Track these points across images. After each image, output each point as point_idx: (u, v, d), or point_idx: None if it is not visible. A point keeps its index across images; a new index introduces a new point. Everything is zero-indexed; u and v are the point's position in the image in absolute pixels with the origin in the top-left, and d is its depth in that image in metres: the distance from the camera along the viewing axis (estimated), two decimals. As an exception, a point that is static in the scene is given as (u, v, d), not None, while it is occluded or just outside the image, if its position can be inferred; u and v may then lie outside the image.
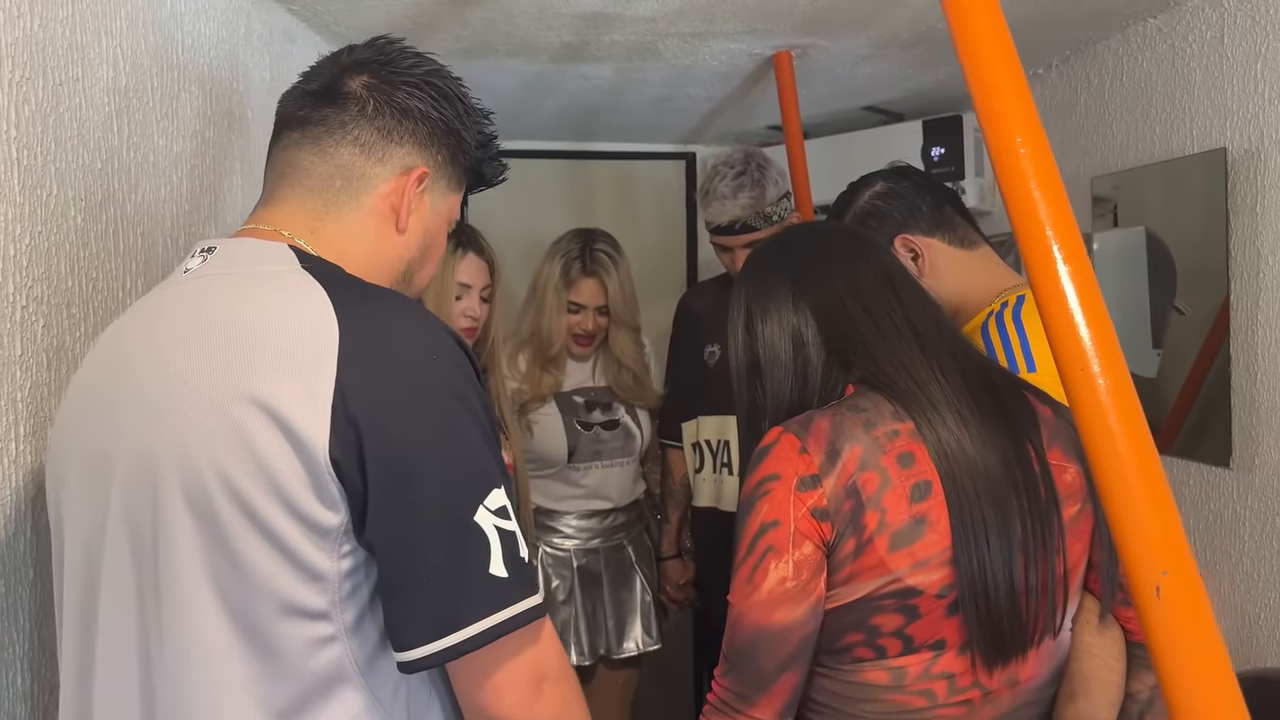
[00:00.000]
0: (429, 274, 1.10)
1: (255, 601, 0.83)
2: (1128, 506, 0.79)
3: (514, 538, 0.87)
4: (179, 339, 0.90)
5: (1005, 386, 1.12)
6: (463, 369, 0.89)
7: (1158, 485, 0.80)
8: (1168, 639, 0.77)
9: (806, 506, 1.03)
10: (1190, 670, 0.77)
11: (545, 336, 2.30)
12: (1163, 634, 0.78)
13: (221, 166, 1.75)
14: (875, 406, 1.08)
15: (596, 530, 2.37)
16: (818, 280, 1.16)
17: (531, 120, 3.06)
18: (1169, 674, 0.78)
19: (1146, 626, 0.79)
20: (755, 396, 1.18)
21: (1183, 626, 0.77)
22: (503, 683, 0.86)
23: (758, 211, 2.20)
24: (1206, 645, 0.78)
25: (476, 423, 0.87)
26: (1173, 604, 0.77)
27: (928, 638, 1.04)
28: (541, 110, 2.93)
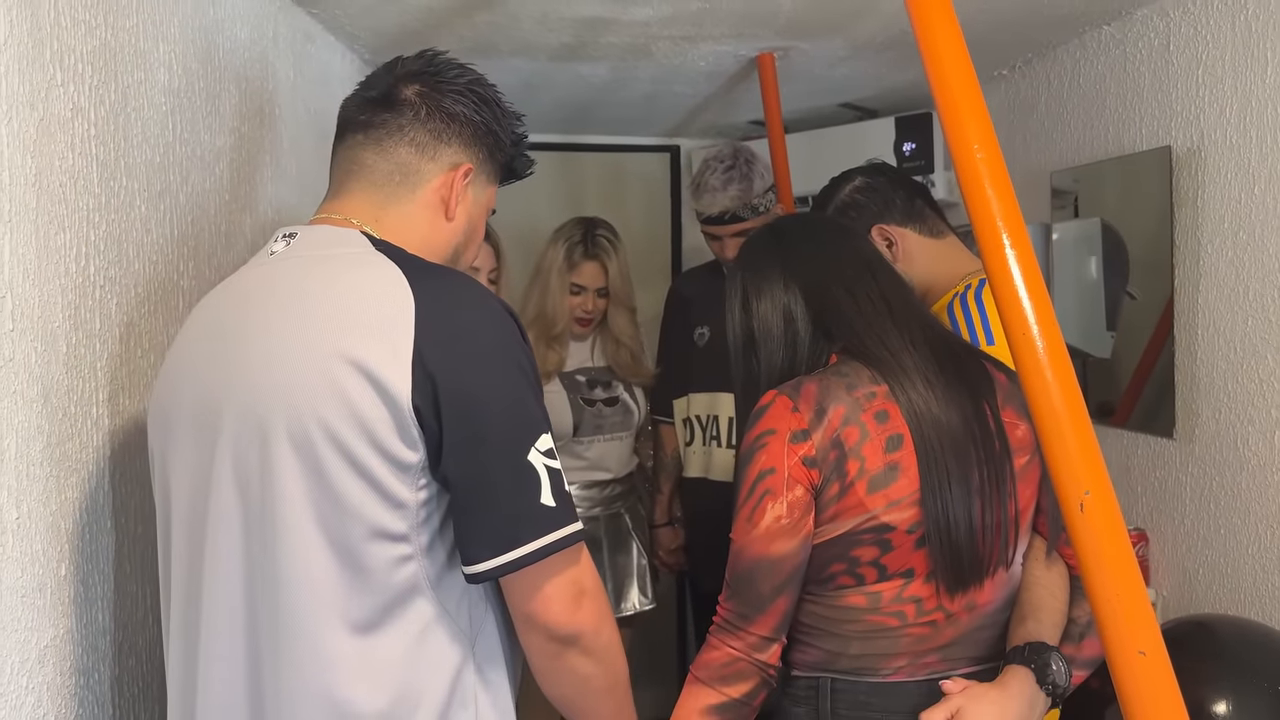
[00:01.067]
0: (472, 256, 1.27)
1: (348, 526, 1.00)
2: (1058, 438, 0.98)
3: (559, 475, 1.04)
4: (280, 309, 1.06)
5: (966, 356, 1.30)
6: (514, 333, 1.06)
7: (1081, 421, 0.98)
8: (1090, 543, 0.96)
9: (798, 456, 1.20)
10: (1107, 567, 0.95)
11: (550, 317, 2.46)
12: (1086, 540, 0.96)
13: (255, 159, 1.90)
14: (855, 372, 1.26)
15: (597, 499, 2.55)
16: (806, 265, 1.33)
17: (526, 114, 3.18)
18: (1092, 574, 0.96)
19: (1074, 535, 0.98)
20: (751, 367, 1.35)
21: (1101, 533, 0.96)
22: (550, 594, 1.03)
23: (745, 203, 2.38)
24: (1119, 548, 0.96)
25: (526, 378, 1.04)
26: (1093, 516, 0.96)
27: (899, 567, 1.22)
28: (536, 105, 3.06)
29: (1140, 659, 0.94)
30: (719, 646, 1.23)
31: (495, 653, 1.10)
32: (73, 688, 1.24)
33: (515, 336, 1.06)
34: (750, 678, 1.21)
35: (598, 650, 1.08)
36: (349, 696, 1.00)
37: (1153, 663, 0.93)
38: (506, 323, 1.06)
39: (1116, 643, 0.94)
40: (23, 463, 1.14)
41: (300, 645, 1.01)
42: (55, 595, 1.20)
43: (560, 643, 1.06)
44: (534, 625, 1.05)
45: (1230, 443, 2.02)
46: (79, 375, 1.26)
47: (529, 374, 1.05)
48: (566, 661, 1.07)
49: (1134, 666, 0.94)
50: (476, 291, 1.07)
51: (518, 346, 1.05)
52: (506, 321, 1.06)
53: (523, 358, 1.05)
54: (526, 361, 1.06)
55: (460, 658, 1.05)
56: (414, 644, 1.03)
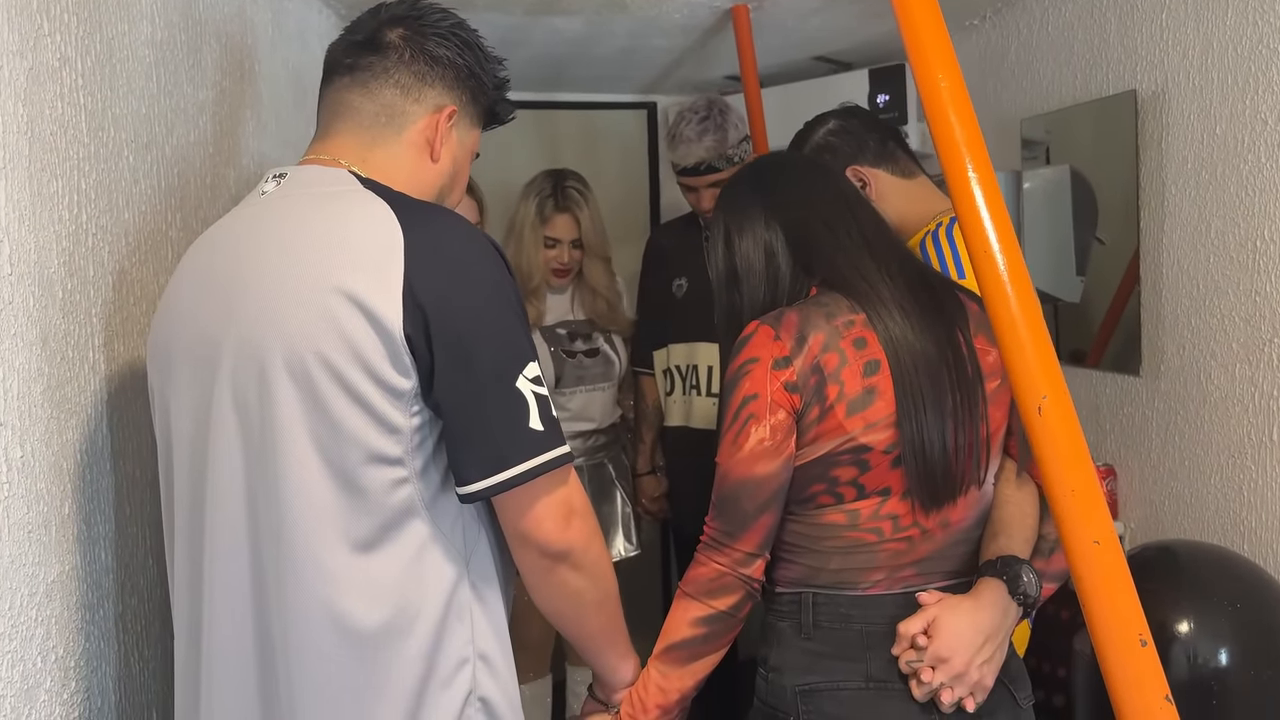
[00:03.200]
0: (457, 198, 1.30)
1: (346, 451, 1.04)
2: (1017, 348, 1.03)
3: (546, 400, 1.09)
4: (274, 245, 1.09)
5: (940, 287, 1.36)
6: (500, 265, 1.10)
7: (1038, 331, 1.04)
8: (1049, 446, 1.02)
9: (780, 382, 1.25)
10: (1064, 465, 1.02)
11: (525, 271, 2.50)
12: (1045, 441, 1.02)
13: (237, 114, 1.92)
14: (834, 302, 1.30)
15: (581, 450, 2.60)
16: (787, 202, 1.38)
17: None
18: (1049, 470, 1.03)
19: (1032, 438, 1.04)
20: (734, 301, 1.39)
21: (1058, 433, 1.02)
22: (540, 513, 1.08)
23: (720, 154, 2.41)
24: (1075, 447, 1.02)
25: (513, 308, 1.08)
26: (1050, 419, 1.02)
27: (876, 486, 1.27)
28: (512, 62, 2.99)
29: (1095, 548, 1.00)
30: (706, 563, 1.28)
31: (489, 570, 1.14)
32: (79, 622, 1.28)
33: (501, 269, 1.10)
34: (736, 591, 1.27)
35: (588, 565, 1.13)
36: (349, 609, 1.05)
37: (1106, 550, 1.00)
38: (493, 255, 1.10)
39: (1073, 535, 1.01)
40: (25, 403, 1.17)
41: (302, 564, 1.05)
42: (60, 532, 1.24)
43: (552, 559, 1.11)
44: (527, 542, 1.10)
45: (1194, 378, 2.09)
46: (75, 320, 1.29)
47: (515, 305, 1.09)
48: (558, 576, 1.12)
49: (1089, 555, 1.00)
50: (463, 226, 1.11)
51: (504, 278, 1.09)
52: (493, 254, 1.10)
53: (509, 289, 1.09)
54: (513, 293, 1.10)
55: (455, 575, 1.10)
56: (411, 562, 1.07)
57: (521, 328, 1.09)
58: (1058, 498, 1.01)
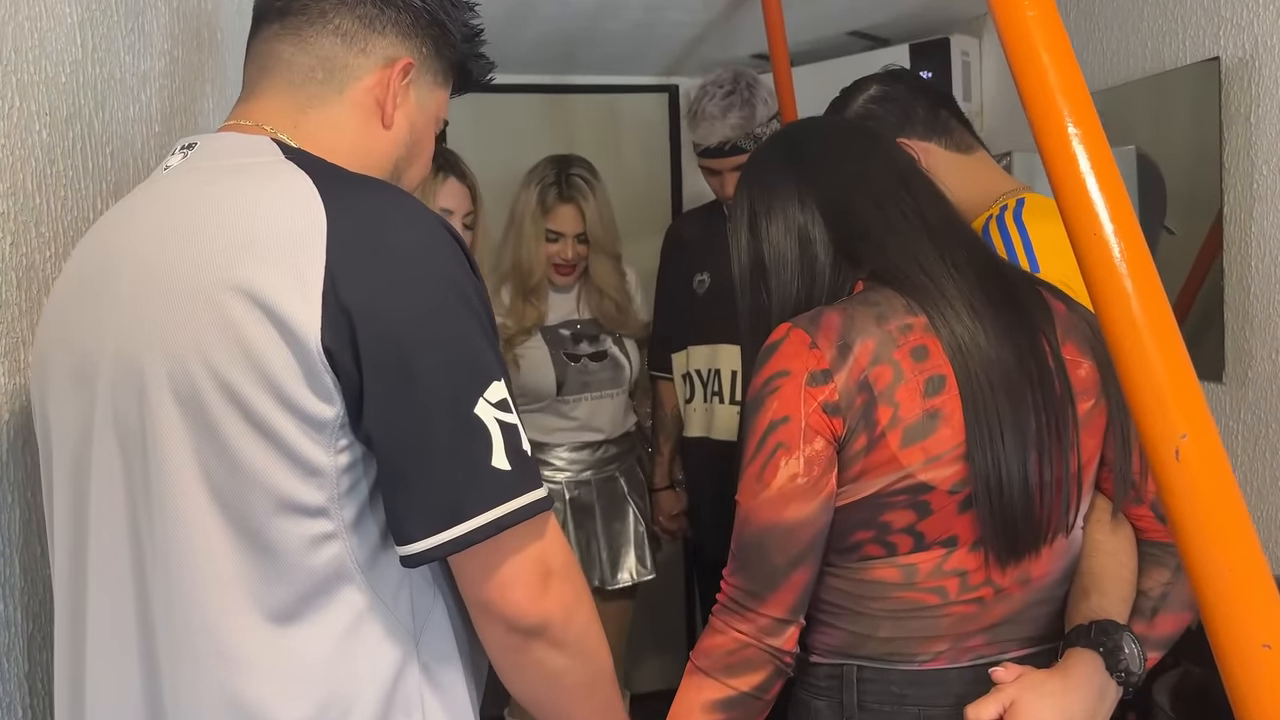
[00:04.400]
0: (418, 174, 1.06)
1: (250, 498, 0.80)
2: (1142, 366, 0.76)
3: (516, 431, 0.84)
4: (162, 233, 0.86)
5: (1018, 281, 1.10)
6: (457, 257, 0.86)
7: (1170, 342, 0.77)
8: (1188, 502, 0.75)
9: (817, 402, 1.00)
10: (1212, 532, 0.75)
11: (525, 267, 2.26)
12: (1183, 498, 0.75)
13: (192, 88, 1.69)
14: (887, 301, 1.05)
15: (588, 462, 2.35)
16: (825, 176, 1.12)
17: (509, 52, 2.97)
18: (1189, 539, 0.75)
19: (1167, 491, 0.77)
20: (760, 300, 1.14)
21: (1203, 487, 0.75)
22: (509, 577, 0.83)
23: (747, 132, 2.16)
24: (1228, 505, 0.75)
25: (473, 312, 0.84)
26: (1192, 465, 0.75)
27: (939, 534, 1.02)
28: (519, 40, 2.84)
29: (1264, 654, 0.73)
30: (724, 630, 1.03)
31: (446, 648, 0.90)
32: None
33: (456, 260, 0.86)
34: (761, 667, 1.01)
35: (570, 641, 0.88)
36: (260, 701, 0.81)
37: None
38: (445, 243, 0.85)
39: (1231, 634, 0.73)
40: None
41: (200, 640, 0.82)
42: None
43: (524, 634, 0.86)
44: (490, 615, 0.86)
45: (1291, 385, 1.81)
46: (-40, 325, 1.06)
47: (476, 307, 0.85)
48: (533, 655, 0.87)
49: (1256, 664, 0.73)
50: (407, 205, 0.86)
51: (459, 273, 0.85)
52: (445, 241, 0.86)
53: (467, 287, 0.85)
54: (473, 292, 0.85)
55: (400, 657, 0.86)
56: (342, 640, 0.83)
57: (482, 336, 0.85)
58: (1206, 579, 0.74)
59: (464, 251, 0.88)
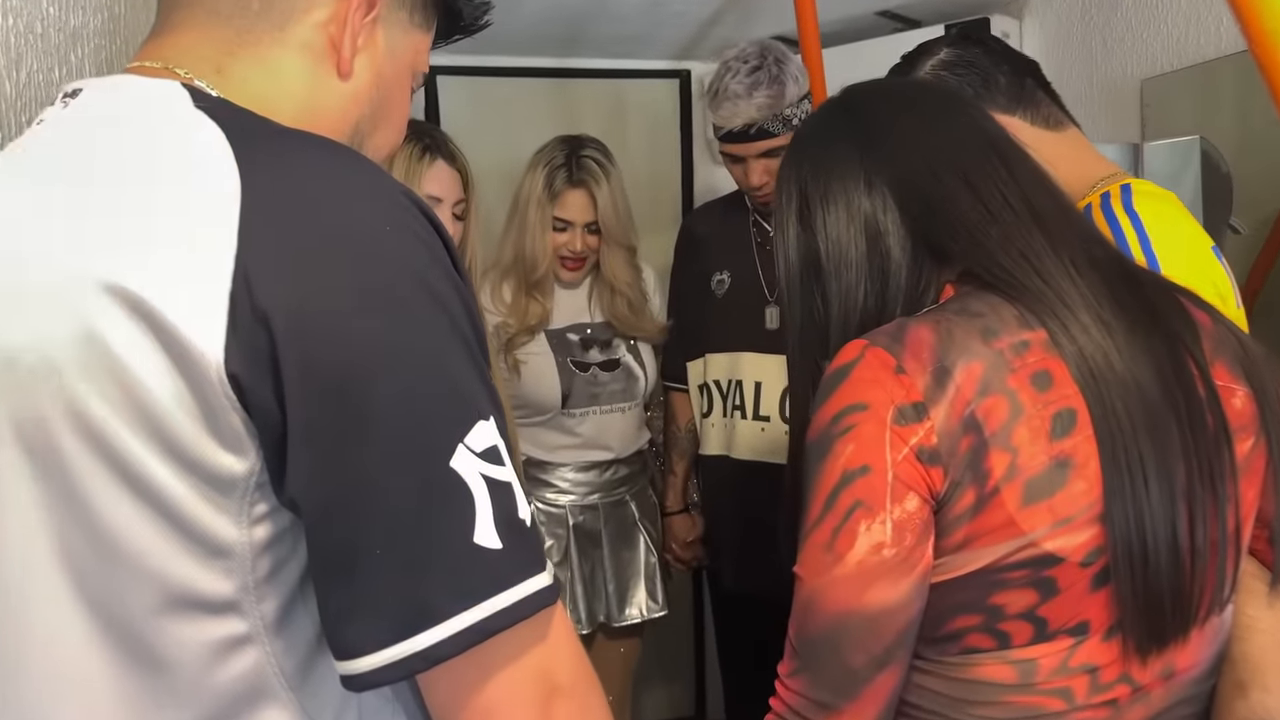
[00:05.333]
0: (386, 142, 0.82)
1: (126, 588, 0.57)
2: None
3: (509, 491, 0.60)
4: (16, 213, 0.62)
5: (1150, 284, 0.86)
6: (431, 245, 0.62)
7: None
8: None
9: (909, 446, 0.76)
10: None
11: (529, 259, 2.01)
12: None
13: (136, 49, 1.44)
14: (993, 310, 0.81)
15: (595, 484, 2.10)
16: (899, 149, 0.89)
17: (505, 32, 2.74)
18: None
19: None
20: (813, 309, 0.91)
21: None
22: (497, 701, 0.59)
23: (776, 113, 1.91)
24: None
25: (452, 324, 0.60)
26: None
27: (1066, 620, 0.78)
28: (517, 19, 2.61)
29: None
30: None
31: None
32: None
33: (430, 250, 0.62)
34: None
35: None
36: None
37: None
38: (414, 225, 0.62)
39: None
40: None
41: None
42: None
43: None
44: None
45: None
46: None
47: (457, 316, 0.61)
48: None
49: None
50: (359, 171, 0.63)
51: (434, 267, 0.61)
52: (414, 223, 0.62)
53: (444, 286, 0.61)
54: (453, 294, 0.62)
55: None
56: None
57: (464, 357, 0.61)
58: None
59: (442, 239, 0.65)
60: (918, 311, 0.86)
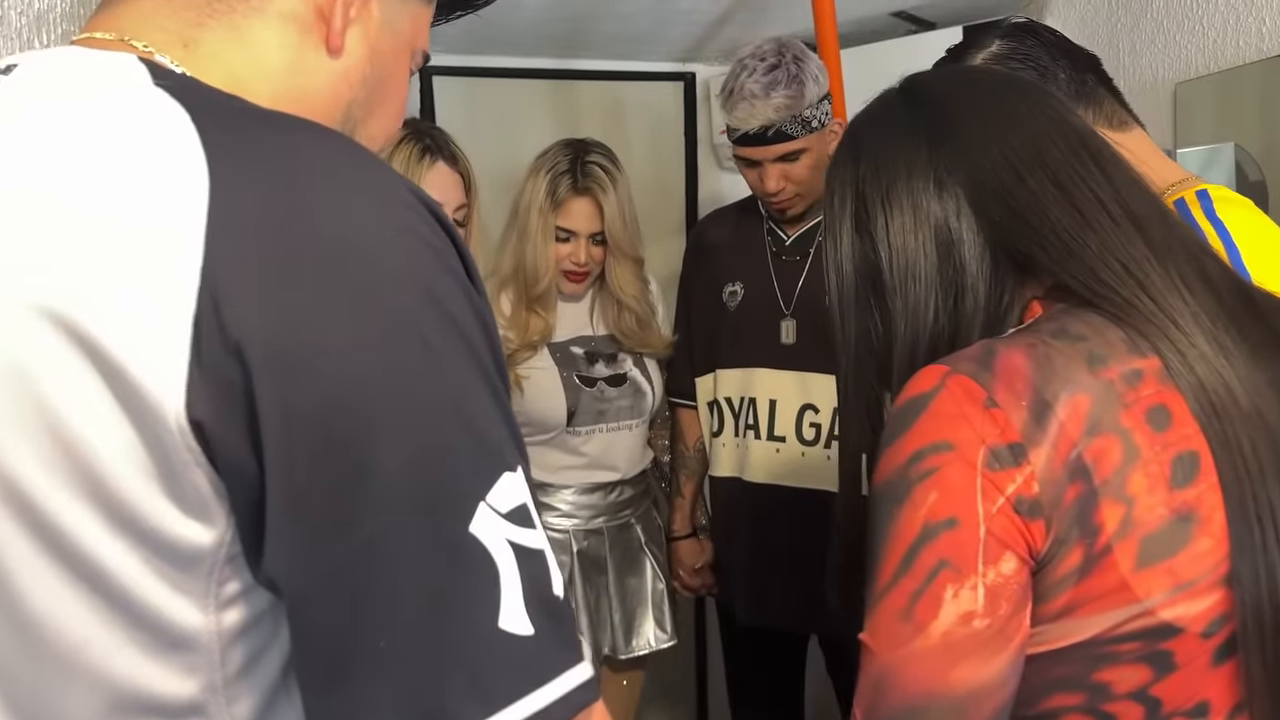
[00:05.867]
0: (383, 129, 0.71)
1: (63, 695, 0.46)
2: None
3: (541, 561, 0.49)
4: None
5: (1267, 304, 0.75)
6: (443, 255, 0.51)
7: None
8: None
9: (1005, 496, 0.64)
10: None
11: (530, 271, 1.89)
12: None
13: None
14: (1097, 333, 0.70)
15: (600, 507, 1.99)
16: (974, 144, 0.78)
17: (504, 32, 2.65)
18: None
19: None
20: (871, 330, 0.79)
21: None
22: None
23: (795, 115, 1.80)
24: None
25: (470, 352, 0.49)
26: None
27: (1184, 701, 0.66)
28: (516, 19, 2.51)
29: None
30: None
31: None
32: None
33: (442, 262, 0.51)
34: None
35: None
36: None
37: None
38: (424, 231, 0.51)
39: None
40: None
41: None
42: None
43: None
44: None
45: None
46: None
47: (476, 344, 0.50)
48: None
49: None
50: (357, 162, 0.52)
51: (447, 283, 0.50)
52: (424, 227, 0.51)
53: (463, 308, 0.50)
54: (473, 318, 0.51)
55: None
56: None
57: (487, 396, 0.50)
58: None
59: (456, 247, 0.53)
60: (998, 334, 0.75)
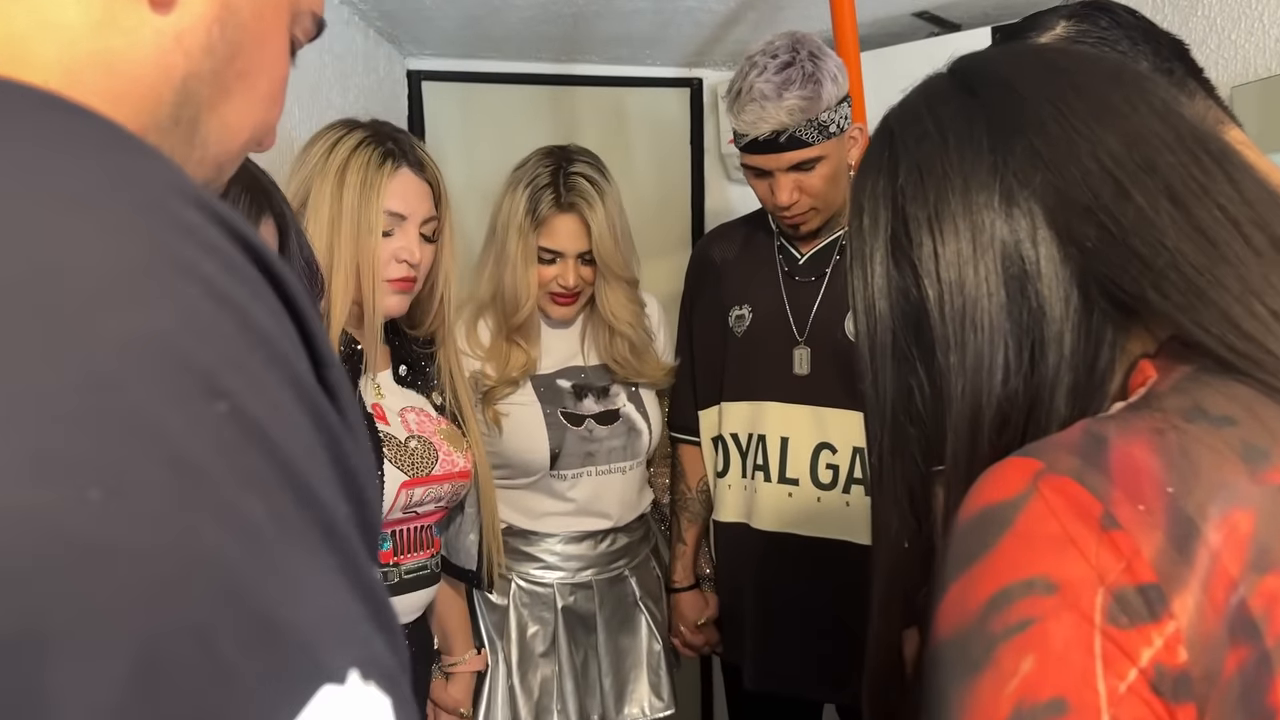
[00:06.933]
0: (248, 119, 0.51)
1: None
2: None
3: None
4: None
5: None
6: (254, 325, 0.31)
7: None
8: None
9: (1139, 667, 0.44)
10: None
11: (510, 297, 1.69)
12: None
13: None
14: (1250, 413, 0.49)
15: (589, 558, 1.77)
16: (1055, 144, 0.58)
17: (497, 33, 2.49)
18: None
19: None
20: (913, 392, 0.59)
21: None
22: None
23: (810, 119, 1.60)
24: None
25: (291, 493, 0.29)
26: None
27: None
28: (511, 20, 2.36)
29: None
30: None
31: None
32: None
33: (254, 327, 0.31)
34: None
35: None
36: None
37: None
38: (217, 271, 0.31)
39: None
40: None
41: None
42: None
43: None
44: None
45: None
46: None
47: (305, 475, 0.30)
48: None
49: None
50: (100, 157, 0.32)
51: (264, 372, 0.30)
52: (218, 266, 0.31)
53: (285, 416, 0.30)
54: (302, 431, 0.31)
55: None
56: None
57: (309, 559, 0.29)
58: None
59: (294, 311, 0.34)
60: (1094, 403, 0.54)
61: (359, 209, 1.33)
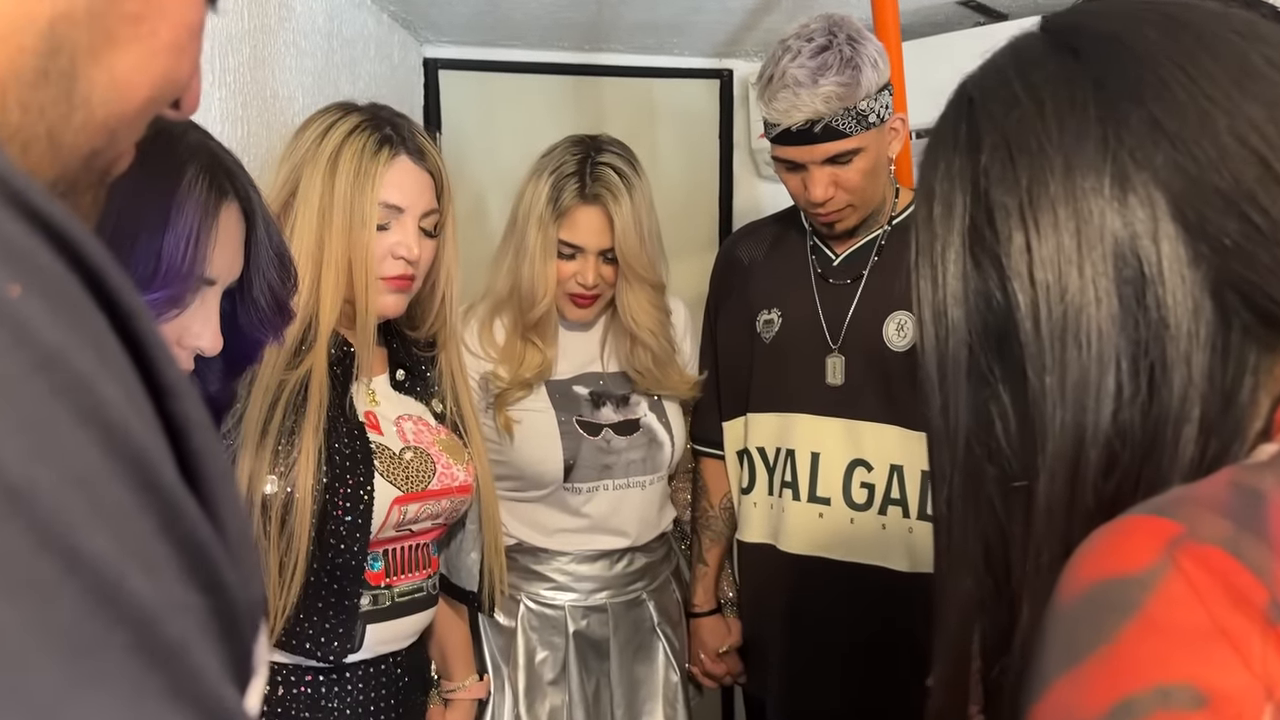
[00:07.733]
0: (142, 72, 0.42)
1: None
2: None
3: None
4: None
5: None
6: (33, 337, 0.21)
7: None
8: None
9: None
10: None
11: (527, 293, 1.58)
12: None
13: None
14: None
15: (604, 579, 1.67)
16: (1182, 116, 0.47)
17: (518, 20, 2.42)
18: None
19: None
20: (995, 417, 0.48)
21: None
22: None
23: (849, 107, 1.47)
24: None
25: (68, 583, 0.20)
26: None
27: None
28: (533, 7, 2.27)
29: None
30: None
31: None
32: None
33: (34, 340, 0.22)
34: None
35: None
36: None
37: None
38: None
39: None
40: None
41: None
42: None
43: None
44: None
45: None
46: None
47: (86, 544, 0.20)
48: None
49: None
50: None
51: (49, 399, 0.20)
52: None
53: (73, 461, 0.20)
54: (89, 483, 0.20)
55: None
56: None
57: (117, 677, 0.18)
58: None
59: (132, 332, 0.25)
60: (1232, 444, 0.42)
61: (352, 199, 1.22)
